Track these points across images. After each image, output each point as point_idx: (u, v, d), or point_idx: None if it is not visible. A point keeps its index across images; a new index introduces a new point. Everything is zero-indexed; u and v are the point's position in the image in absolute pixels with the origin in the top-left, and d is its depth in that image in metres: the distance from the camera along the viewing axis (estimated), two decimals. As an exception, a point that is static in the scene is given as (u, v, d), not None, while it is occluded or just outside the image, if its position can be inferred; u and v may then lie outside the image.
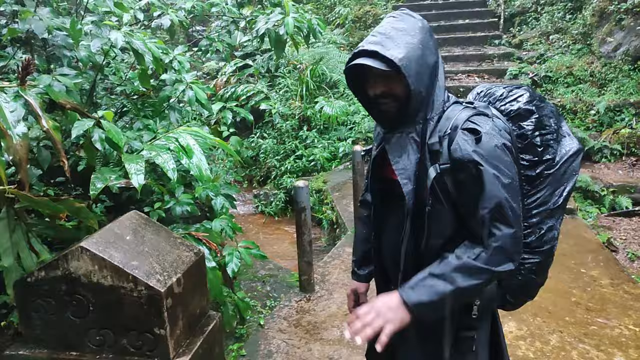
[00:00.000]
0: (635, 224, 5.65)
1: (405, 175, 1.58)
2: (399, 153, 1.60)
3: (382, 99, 1.56)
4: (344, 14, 10.85)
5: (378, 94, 1.57)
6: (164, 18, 3.61)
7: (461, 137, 1.49)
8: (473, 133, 1.49)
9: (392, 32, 1.54)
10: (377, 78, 1.55)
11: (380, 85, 1.56)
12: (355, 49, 1.55)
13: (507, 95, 1.75)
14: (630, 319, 3.76)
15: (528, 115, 1.67)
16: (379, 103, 1.58)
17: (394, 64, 1.47)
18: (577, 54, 8.37)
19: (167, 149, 2.33)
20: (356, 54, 1.54)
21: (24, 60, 2.13)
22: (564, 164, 1.70)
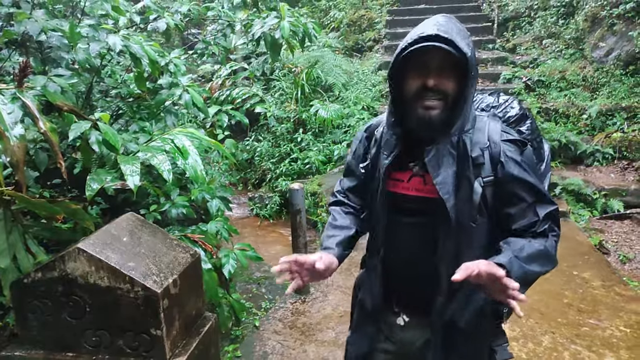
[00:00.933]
0: (626, 227, 5.70)
1: (445, 189, 1.53)
2: (438, 166, 1.54)
3: (433, 94, 1.48)
4: (339, 18, 10.89)
5: (434, 86, 1.48)
6: (160, 21, 3.63)
7: (507, 149, 1.55)
8: (514, 144, 1.57)
9: (455, 29, 1.49)
10: (441, 69, 1.48)
11: (441, 76, 1.48)
12: (421, 33, 1.45)
13: (500, 103, 1.79)
14: (622, 320, 3.80)
15: (524, 120, 1.74)
16: (428, 98, 1.49)
17: (465, 58, 1.44)
18: (570, 58, 8.44)
19: (162, 150, 2.34)
20: (425, 37, 1.44)
21: (21, 63, 2.14)
22: (548, 162, 1.80)
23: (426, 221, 1.61)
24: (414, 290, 1.72)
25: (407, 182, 1.64)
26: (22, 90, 2.10)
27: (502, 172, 1.54)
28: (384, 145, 1.67)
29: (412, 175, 1.64)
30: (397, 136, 1.63)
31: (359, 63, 9.46)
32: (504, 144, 1.56)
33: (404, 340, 1.79)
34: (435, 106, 1.50)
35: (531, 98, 7.88)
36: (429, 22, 1.52)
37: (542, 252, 1.51)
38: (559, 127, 7.19)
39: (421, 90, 1.50)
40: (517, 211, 1.56)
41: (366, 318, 1.84)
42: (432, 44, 1.43)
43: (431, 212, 1.59)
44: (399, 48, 1.50)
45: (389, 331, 1.82)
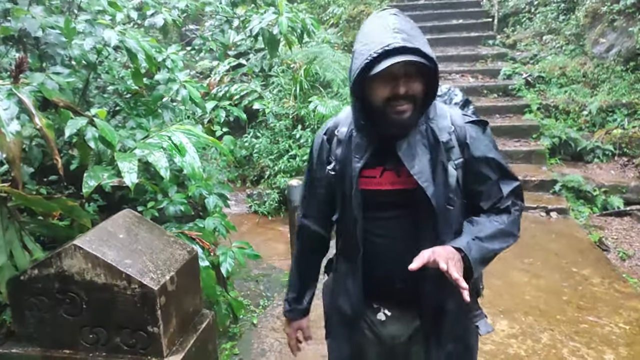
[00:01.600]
0: (626, 224, 5.69)
1: (424, 178, 1.56)
2: (412, 157, 1.58)
3: (403, 100, 1.51)
4: (338, 14, 10.85)
5: (404, 94, 1.50)
6: (157, 17, 3.61)
7: (472, 131, 1.64)
8: (477, 125, 1.66)
9: (412, 31, 1.50)
10: (409, 76, 1.50)
11: (409, 82, 1.50)
12: (385, 45, 1.43)
13: (444, 92, 1.87)
14: (621, 317, 3.80)
15: (468, 105, 1.83)
16: (398, 104, 1.51)
17: (433, 62, 1.47)
18: (570, 54, 8.42)
19: (160, 147, 2.33)
20: (391, 51, 1.43)
21: (18, 58, 2.13)
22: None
23: (404, 212, 1.64)
24: (397, 283, 1.70)
25: (380, 178, 1.65)
26: (18, 86, 2.09)
27: (469, 153, 1.62)
28: (354, 149, 1.66)
29: (383, 170, 1.65)
30: (370, 138, 1.64)
31: (358, 59, 9.43)
32: (468, 126, 1.64)
33: (387, 335, 1.79)
34: (406, 109, 1.53)
35: (531, 94, 7.87)
36: (385, 28, 1.48)
37: (502, 230, 1.60)
38: (559, 124, 7.17)
39: (391, 97, 1.51)
40: (484, 188, 1.65)
41: (345, 323, 1.83)
42: (403, 60, 1.42)
43: (409, 202, 1.62)
44: (362, 62, 1.46)
45: (370, 328, 1.81)
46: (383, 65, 1.42)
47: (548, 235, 5.32)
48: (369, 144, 1.64)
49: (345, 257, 1.81)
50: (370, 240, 1.69)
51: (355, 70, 1.50)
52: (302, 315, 2.02)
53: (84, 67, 3.06)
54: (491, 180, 1.64)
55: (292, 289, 2.01)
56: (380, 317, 1.78)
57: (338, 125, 1.77)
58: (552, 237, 5.27)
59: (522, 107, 7.66)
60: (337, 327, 1.87)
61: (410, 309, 1.73)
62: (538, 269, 4.58)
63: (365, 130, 1.65)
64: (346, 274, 1.79)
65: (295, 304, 2.00)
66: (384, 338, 1.80)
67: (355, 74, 1.50)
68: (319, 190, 1.84)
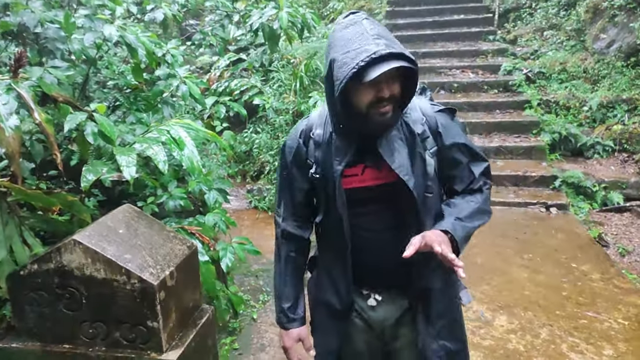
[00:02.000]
0: (626, 220, 5.69)
1: (404, 171, 1.62)
2: (391, 152, 1.64)
3: (386, 102, 1.56)
4: (338, 9, 10.83)
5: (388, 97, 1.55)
6: (157, 11, 3.60)
7: (442, 119, 1.73)
8: (445, 112, 1.75)
9: (388, 35, 1.55)
10: (395, 79, 1.56)
11: (390, 85, 1.55)
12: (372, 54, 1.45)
13: None
14: (620, 312, 3.80)
15: (426, 92, 1.87)
16: (381, 107, 1.56)
17: (415, 65, 1.53)
18: (571, 50, 8.40)
19: (159, 141, 2.33)
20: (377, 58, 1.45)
21: (17, 53, 2.12)
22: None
23: (387, 204, 1.71)
24: (384, 271, 1.77)
25: (362, 175, 1.70)
26: (17, 80, 2.09)
27: (442, 141, 1.71)
28: (335, 152, 1.69)
29: (364, 167, 1.70)
30: (350, 140, 1.68)
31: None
32: (438, 115, 1.73)
33: (377, 319, 1.83)
34: (389, 110, 1.58)
35: (532, 90, 7.85)
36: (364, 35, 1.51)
37: (479, 208, 1.71)
38: (560, 119, 7.16)
39: (374, 101, 1.56)
40: (457, 172, 1.75)
41: (332, 317, 1.86)
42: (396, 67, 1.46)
43: (391, 195, 1.68)
44: (350, 71, 1.48)
45: (360, 315, 1.85)
46: (375, 73, 1.45)
47: (548, 230, 5.32)
48: (350, 145, 1.68)
49: (331, 253, 1.85)
50: (357, 234, 1.73)
51: (342, 80, 1.51)
52: (302, 324, 1.96)
53: (84, 62, 3.06)
54: (463, 164, 1.74)
55: (284, 298, 1.93)
56: (371, 303, 1.83)
57: (312, 127, 1.78)
58: (552, 232, 5.27)
59: (523, 102, 7.65)
60: (325, 322, 1.90)
61: (399, 292, 1.80)
62: (537, 265, 4.59)
63: (345, 133, 1.69)
64: (333, 269, 1.83)
65: (292, 313, 1.93)
66: (373, 323, 1.84)
67: (343, 83, 1.51)
68: (297, 194, 1.86)
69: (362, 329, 1.86)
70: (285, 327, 1.94)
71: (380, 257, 1.74)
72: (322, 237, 1.90)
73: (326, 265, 1.88)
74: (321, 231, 1.88)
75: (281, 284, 1.94)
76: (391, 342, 1.86)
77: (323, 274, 1.89)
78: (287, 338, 1.94)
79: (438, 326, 1.77)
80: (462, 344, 1.86)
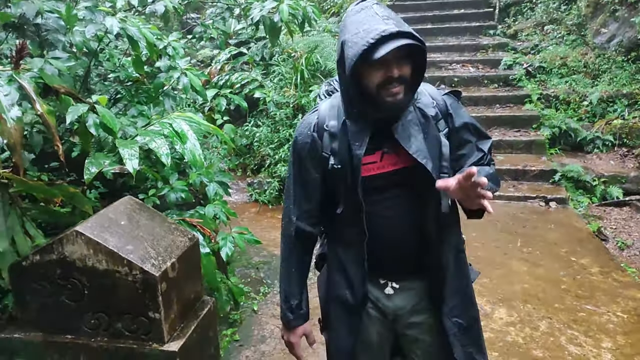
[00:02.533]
0: (625, 214, 5.70)
1: (422, 155, 1.64)
2: (408, 138, 1.66)
3: (396, 82, 1.58)
4: (339, 3, 10.79)
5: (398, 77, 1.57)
6: (158, 4, 3.59)
7: (450, 101, 1.78)
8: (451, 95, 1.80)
9: (397, 17, 1.58)
10: (405, 61, 1.59)
11: (400, 65, 1.57)
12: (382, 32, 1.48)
13: None
14: (619, 305, 3.82)
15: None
16: (392, 86, 1.58)
17: (424, 45, 1.55)
18: (571, 44, 8.38)
19: (161, 134, 2.33)
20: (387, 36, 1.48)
21: (18, 44, 2.13)
22: None
23: (405, 189, 1.72)
24: (402, 257, 1.78)
25: (381, 162, 1.71)
26: (19, 72, 2.09)
27: (453, 122, 1.75)
28: (352, 137, 1.69)
29: (383, 153, 1.71)
30: (365, 124, 1.69)
31: (359, 48, 9.40)
32: (445, 97, 1.78)
33: (393, 308, 1.83)
34: (399, 91, 1.60)
35: (532, 84, 7.84)
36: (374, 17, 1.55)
37: (493, 174, 1.74)
38: (560, 114, 7.16)
39: (384, 81, 1.58)
40: (467, 151, 1.78)
41: (347, 313, 1.85)
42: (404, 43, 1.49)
43: (410, 179, 1.70)
44: (360, 49, 1.51)
45: (375, 305, 1.84)
46: (385, 50, 1.48)
47: (547, 224, 5.33)
48: (365, 130, 1.69)
49: (345, 246, 1.83)
50: (375, 222, 1.73)
51: (352, 58, 1.54)
52: (306, 320, 1.96)
53: (85, 54, 3.06)
54: (472, 142, 1.78)
55: (292, 296, 1.91)
56: (388, 291, 1.83)
57: (324, 119, 1.77)
58: (551, 226, 5.28)
59: (523, 97, 7.64)
60: (338, 318, 1.88)
61: (416, 278, 1.81)
62: (537, 258, 4.60)
63: (359, 117, 1.70)
64: (346, 263, 1.82)
65: (298, 310, 1.92)
66: (388, 312, 1.84)
67: (353, 62, 1.54)
68: (311, 190, 1.83)
69: (375, 320, 1.85)
70: (292, 324, 1.93)
71: (399, 243, 1.75)
72: (336, 230, 1.87)
73: (339, 260, 1.85)
74: (336, 224, 1.85)
75: (289, 282, 1.92)
76: (405, 330, 1.86)
77: (335, 269, 1.87)
78: (292, 335, 1.94)
79: (451, 304, 1.78)
80: (474, 320, 1.88)
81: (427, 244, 1.73)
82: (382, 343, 1.90)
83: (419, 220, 1.71)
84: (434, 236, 1.72)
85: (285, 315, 1.93)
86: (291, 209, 1.87)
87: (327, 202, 1.84)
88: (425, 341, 1.85)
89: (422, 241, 1.73)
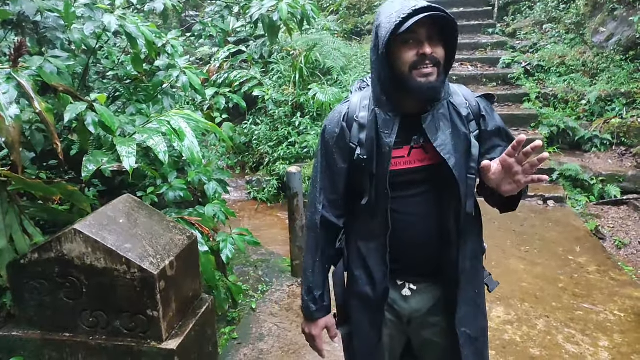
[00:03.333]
0: (623, 213, 5.71)
1: (446, 150, 1.63)
2: (436, 130, 1.64)
3: (429, 62, 1.56)
4: (339, 1, 10.80)
5: (430, 54, 1.56)
6: (157, 2, 3.59)
7: (484, 104, 1.77)
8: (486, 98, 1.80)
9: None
10: (431, 38, 1.57)
11: (432, 44, 1.56)
12: (413, 6, 1.50)
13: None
14: (616, 304, 3.83)
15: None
16: (424, 66, 1.56)
17: (455, 23, 1.56)
18: (570, 43, 8.39)
19: (159, 132, 2.33)
20: (418, 10, 1.50)
21: (17, 42, 2.13)
22: None
23: (430, 187, 1.71)
24: (422, 258, 1.76)
25: (408, 157, 1.69)
26: (17, 70, 2.09)
27: (485, 124, 1.73)
28: (382, 125, 1.68)
29: (411, 148, 1.69)
30: (395, 112, 1.67)
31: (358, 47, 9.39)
32: (479, 100, 1.77)
33: (409, 310, 1.81)
34: (432, 72, 1.58)
35: (530, 83, 7.85)
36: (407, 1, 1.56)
37: None
38: (558, 113, 7.17)
39: (417, 61, 1.56)
40: (496, 156, 1.69)
41: (369, 307, 1.82)
42: (433, 13, 1.49)
43: (435, 177, 1.68)
44: (392, 24, 1.52)
45: (391, 307, 1.82)
46: (415, 19, 1.48)
47: (545, 223, 5.34)
48: (395, 119, 1.67)
49: (367, 240, 1.81)
50: (397, 219, 1.71)
51: (386, 35, 1.54)
52: (329, 312, 1.93)
53: (84, 52, 3.06)
54: (501, 147, 1.72)
55: (315, 287, 1.87)
56: (405, 293, 1.80)
57: (355, 110, 1.76)
58: (549, 225, 5.29)
59: (521, 95, 7.65)
60: (358, 314, 1.86)
61: (433, 280, 1.79)
62: (535, 257, 4.61)
63: (389, 105, 1.68)
64: (368, 257, 1.79)
65: (321, 301, 1.88)
66: (404, 314, 1.82)
67: (386, 38, 1.54)
68: (338, 180, 1.81)
69: (389, 322, 1.84)
70: (314, 316, 1.90)
71: (419, 242, 1.73)
72: (358, 223, 1.85)
73: (360, 254, 1.82)
74: (359, 216, 1.82)
75: (313, 272, 1.88)
76: (418, 331, 1.85)
77: (355, 264, 1.85)
78: (314, 327, 1.91)
79: (461, 313, 1.76)
80: (482, 331, 1.85)
81: (447, 246, 1.72)
82: (394, 345, 1.89)
83: (441, 220, 1.70)
84: (453, 238, 1.70)
85: (308, 307, 1.89)
86: (317, 198, 1.85)
87: (351, 194, 1.82)
88: (438, 344, 1.83)
89: (442, 242, 1.72)
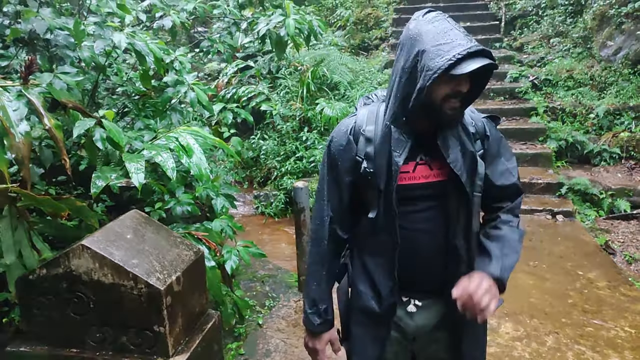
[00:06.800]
0: (633, 227, 5.67)
1: (458, 166, 1.66)
2: (448, 147, 1.68)
3: (459, 97, 1.60)
4: (346, 16, 10.88)
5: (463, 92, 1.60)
6: (166, 19, 3.64)
7: (489, 125, 1.80)
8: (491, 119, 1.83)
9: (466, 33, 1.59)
10: (469, 77, 1.59)
11: (469, 82, 1.61)
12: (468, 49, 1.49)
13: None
14: (626, 320, 3.79)
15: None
16: (453, 102, 1.60)
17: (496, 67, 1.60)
18: (578, 57, 8.39)
19: (167, 148, 2.35)
20: (473, 53, 1.49)
21: (27, 60, 2.16)
22: None
23: (435, 203, 1.72)
24: (427, 274, 1.76)
25: (413, 172, 1.71)
26: (27, 87, 2.12)
27: (489, 144, 1.78)
28: (394, 144, 1.68)
29: (416, 164, 1.71)
30: (409, 135, 1.68)
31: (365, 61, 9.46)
32: (485, 120, 1.80)
33: (414, 327, 1.81)
34: (458, 105, 1.63)
35: (538, 97, 7.85)
36: (454, 31, 1.55)
37: (519, 241, 1.77)
38: (566, 127, 7.16)
39: (450, 94, 1.58)
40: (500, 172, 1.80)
41: (371, 324, 1.82)
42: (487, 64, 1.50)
43: (440, 194, 1.71)
44: (447, 62, 1.49)
45: (396, 324, 1.82)
46: (470, 67, 1.47)
47: (554, 238, 5.31)
48: (407, 140, 1.68)
49: (374, 255, 1.80)
50: (403, 235, 1.71)
51: (436, 70, 1.51)
52: (332, 326, 1.93)
53: (93, 69, 3.10)
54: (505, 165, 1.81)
55: (320, 300, 1.87)
56: (411, 309, 1.80)
57: (362, 124, 1.76)
58: (558, 240, 5.26)
59: (529, 109, 7.64)
60: (363, 330, 1.86)
61: (438, 297, 1.78)
62: (543, 272, 4.57)
63: (407, 127, 1.69)
64: (374, 273, 1.79)
65: (325, 315, 1.88)
66: (409, 331, 1.82)
67: (437, 73, 1.51)
68: (344, 192, 1.80)
69: (394, 340, 1.83)
70: (318, 330, 1.89)
71: (426, 257, 1.74)
72: (364, 239, 1.84)
73: (366, 270, 1.82)
74: (366, 231, 1.81)
75: (319, 285, 1.88)
76: (424, 347, 1.85)
77: (360, 279, 1.85)
78: (318, 341, 1.91)
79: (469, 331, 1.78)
80: (482, 353, 1.88)
81: (454, 262, 1.73)
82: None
83: (448, 236, 1.71)
84: (462, 254, 1.72)
85: (312, 321, 1.88)
86: (323, 211, 1.83)
87: (356, 208, 1.82)
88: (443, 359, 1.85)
89: (449, 259, 1.73)
